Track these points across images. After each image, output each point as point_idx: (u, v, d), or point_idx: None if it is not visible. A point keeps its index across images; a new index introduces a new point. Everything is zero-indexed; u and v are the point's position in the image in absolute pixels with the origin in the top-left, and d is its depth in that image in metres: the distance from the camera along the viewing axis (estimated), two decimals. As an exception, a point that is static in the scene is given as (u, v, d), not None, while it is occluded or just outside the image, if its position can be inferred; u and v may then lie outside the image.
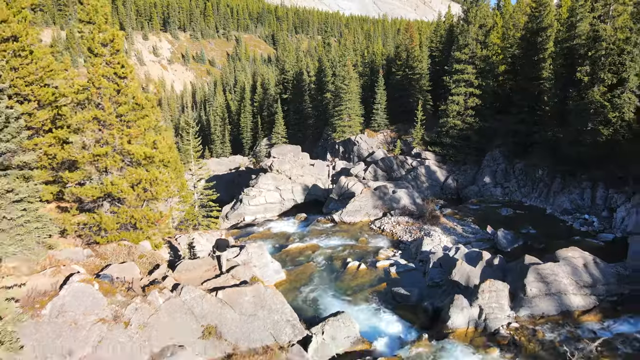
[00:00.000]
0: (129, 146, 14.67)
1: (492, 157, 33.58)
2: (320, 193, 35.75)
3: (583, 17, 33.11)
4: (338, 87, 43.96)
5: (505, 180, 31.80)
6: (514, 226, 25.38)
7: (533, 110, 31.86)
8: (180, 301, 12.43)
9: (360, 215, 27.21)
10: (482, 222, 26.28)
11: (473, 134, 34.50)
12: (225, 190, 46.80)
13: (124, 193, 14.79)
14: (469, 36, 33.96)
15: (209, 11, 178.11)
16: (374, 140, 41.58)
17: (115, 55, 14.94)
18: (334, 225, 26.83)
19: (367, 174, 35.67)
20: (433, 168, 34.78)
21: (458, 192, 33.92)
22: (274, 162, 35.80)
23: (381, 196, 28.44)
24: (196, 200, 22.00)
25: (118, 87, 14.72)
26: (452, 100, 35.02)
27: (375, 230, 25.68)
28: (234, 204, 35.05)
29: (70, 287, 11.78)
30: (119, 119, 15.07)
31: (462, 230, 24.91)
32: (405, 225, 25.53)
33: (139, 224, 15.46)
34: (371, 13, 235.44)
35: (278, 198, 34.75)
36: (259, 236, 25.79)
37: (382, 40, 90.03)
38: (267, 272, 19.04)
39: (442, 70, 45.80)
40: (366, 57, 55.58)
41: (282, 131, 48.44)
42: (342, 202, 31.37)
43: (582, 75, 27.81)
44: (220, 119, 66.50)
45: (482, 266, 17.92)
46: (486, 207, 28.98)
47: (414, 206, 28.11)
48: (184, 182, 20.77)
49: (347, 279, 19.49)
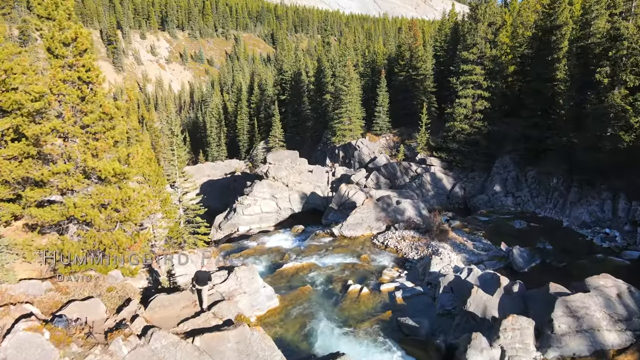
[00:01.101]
0: (94, 162, 12.63)
1: (502, 164, 31.53)
2: (319, 202, 33.72)
3: (599, 15, 31.16)
4: (338, 88, 41.91)
5: (517, 189, 29.75)
6: (528, 241, 23.37)
7: (546, 114, 29.80)
8: (149, 350, 10.41)
9: (362, 229, 25.19)
10: (493, 236, 24.26)
11: (482, 138, 32.46)
12: (220, 196, 44.82)
13: (90, 216, 12.77)
14: (477, 35, 31.90)
15: (208, 10, 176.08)
16: (376, 145, 39.50)
17: (79, 56, 12.89)
18: (333, 240, 24.80)
19: (369, 182, 33.62)
20: (439, 175, 32.73)
21: (466, 201, 31.88)
22: (270, 169, 33.77)
23: (384, 207, 26.42)
24: (181, 215, 19.98)
25: (82, 93, 12.67)
26: (459, 103, 32.98)
27: (378, 246, 23.65)
28: (228, 213, 33.05)
29: (14, 337, 9.73)
30: (84, 131, 13.04)
31: (472, 246, 22.87)
32: (411, 240, 23.49)
33: (108, 250, 13.42)
34: (371, 12, 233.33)
35: (274, 207, 32.73)
36: (252, 252, 23.75)
37: (382, 40, 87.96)
38: (259, 298, 17.03)
39: (447, 71, 43.76)
40: (367, 56, 53.50)
41: (279, 134, 46.35)
42: (342, 213, 29.36)
43: (602, 76, 25.80)
44: (216, 120, 64.29)
45: (500, 294, 15.89)
46: (497, 219, 26.93)
47: (419, 218, 26.09)
48: (167, 196, 18.74)
49: (347, 306, 17.47)
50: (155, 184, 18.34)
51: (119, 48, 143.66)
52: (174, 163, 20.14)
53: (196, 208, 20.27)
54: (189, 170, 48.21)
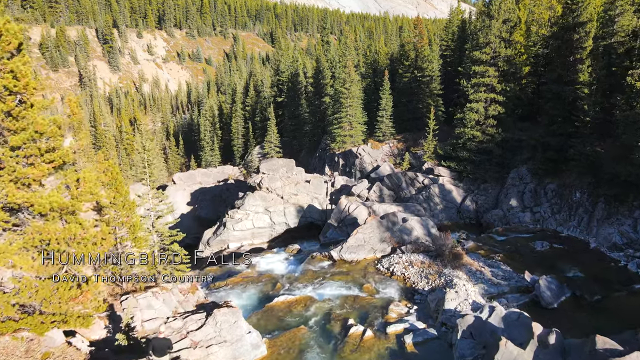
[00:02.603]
0: (23, 195, 9.84)
1: (518, 175, 28.70)
2: (316, 215, 30.92)
3: (624, 11, 28.39)
4: (338, 91, 39.06)
5: (536, 204, 26.92)
6: (554, 267, 20.61)
7: (568, 120, 26.94)
8: None
9: (364, 252, 22.39)
10: (513, 260, 21.49)
11: (495, 147, 29.64)
12: (212, 206, 42.05)
13: (19, 264, 9.98)
14: (491, 33, 29.04)
15: (206, 8, 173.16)
16: (379, 152, 36.65)
17: (7, 60, 10.08)
18: (332, 264, 21.99)
19: (372, 194, 30.80)
20: (448, 187, 29.91)
21: (478, 215, 29.06)
22: (263, 179, 30.96)
23: (389, 226, 23.62)
24: (155, 243, 17.14)
25: (7, 107, 9.87)
26: (470, 107, 30.14)
27: (382, 273, 20.83)
28: (217, 228, 30.27)
29: None
30: (14, 154, 10.25)
31: (491, 274, 20.05)
32: (420, 266, 20.68)
33: (46, 304, 10.64)
34: (372, 10, 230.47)
35: (268, 222, 29.94)
36: (239, 281, 20.94)
37: (384, 39, 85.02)
38: (242, 347, 14.22)
39: (455, 72, 40.93)
40: (369, 56, 50.58)
41: (275, 140, 43.46)
42: (342, 230, 26.58)
43: (634, 79, 22.94)
44: (210, 123, 61.31)
45: (533, 347, 13.05)
46: (515, 240, 24.12)
47: (428, 238, 23.29)
48: (137, 221, 15.92)
49: (348, 354, 14.68)
50: (122, 209, 15.54)
51: (115, 47, 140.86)
52: (145, 182, 17.29)
53: (173, 234, 17.44)
54: (179, 177, 45.45)
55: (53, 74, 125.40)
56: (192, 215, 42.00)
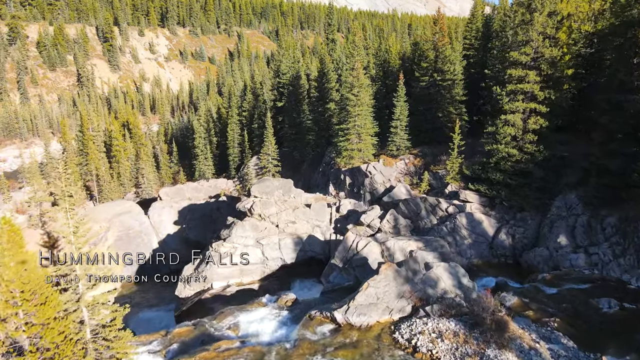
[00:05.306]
0: None
1: (566, 204, 23.37)
2: (318, 249, 25.86)
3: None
4: (344, 97, 33.89)
5: (591, 243, 21.58)
6: (628, 340, 15.40)
7: (632, 138, 21.55)
8: None
9: (378, 312, 17.27)
10: (574, 327, 16.30)
11: (536, 168, 24.31)
12: (201, 226, 37.23)
13: None
14: (532, 29, 23.70)
15: (210, 6, 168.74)
16: (392, 170, 31.39)
17: None
18: (335, 331, 16.90)
19: (385, 224, 25.63)
20: (477, 216, 24.66)
21: (515, 252, 23.79)
22: (255, 204, 25.97)
23: (409, 277, 18.49)
24: (85, 322, 12.18)
25: None
26: (505, 120, 24.84)
27: (402, 346, 15.69)
28: (199, 263, 25.38)
29: None
30: None
31: (549, 354, 14.81)
32: (453, 339, 15.49)
33: None
34: (380, 8, 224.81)
35: (259, 257, 24.96)
36: (214, 356, 15.91)
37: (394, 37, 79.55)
38: None
39: (479, 75, 35.55)
40: (380, 56, 45.27)
41: (272, 152, 38.37)
42: (349, 273, 21.53)
43: None
44: (204, 129, 56.31)
45: None
46: (571, 294, 18.84)
47: (459, 291, 18.13)
48: (53, 297, 11.01)
49: None
50: (26, 286, 10.64)
51: (115, 45, 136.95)
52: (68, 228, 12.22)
53: (114, 309, 12.44)
54: (165, 193, 40.56)
55: (50, 73, 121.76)
56: (179, 237, 37.18)
